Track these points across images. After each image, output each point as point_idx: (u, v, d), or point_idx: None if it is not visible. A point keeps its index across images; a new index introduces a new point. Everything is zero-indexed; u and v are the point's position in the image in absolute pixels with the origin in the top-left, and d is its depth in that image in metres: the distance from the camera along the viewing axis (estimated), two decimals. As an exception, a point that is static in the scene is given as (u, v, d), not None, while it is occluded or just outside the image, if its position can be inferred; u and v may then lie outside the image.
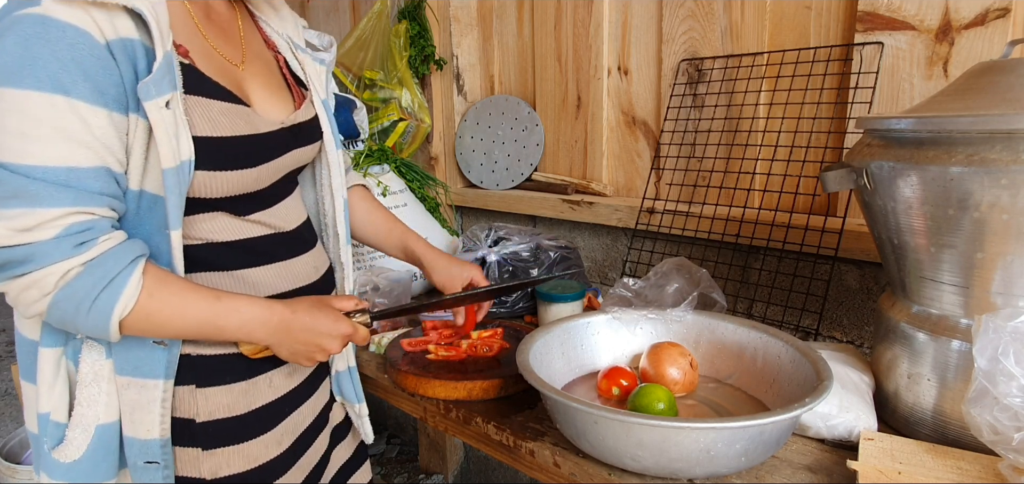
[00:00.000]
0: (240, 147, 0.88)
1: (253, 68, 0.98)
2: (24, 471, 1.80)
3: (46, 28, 0.71)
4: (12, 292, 0.75)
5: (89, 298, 0.76)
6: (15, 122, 0.71)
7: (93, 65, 0.74)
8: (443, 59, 2.13)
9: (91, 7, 0.74)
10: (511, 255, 1.59)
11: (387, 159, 1.96)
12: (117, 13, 0.76)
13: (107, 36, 0.75)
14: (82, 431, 0.84)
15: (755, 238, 1.43)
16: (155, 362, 0.85)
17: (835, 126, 1.38)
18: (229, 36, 0.97)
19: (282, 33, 1.07)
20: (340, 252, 1.10)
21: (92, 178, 0.76)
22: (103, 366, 0.85)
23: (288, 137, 0.97)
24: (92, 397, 0.84)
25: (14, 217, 0.71)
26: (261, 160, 0.92)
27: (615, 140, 1.83)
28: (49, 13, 0.72)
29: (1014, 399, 0.75)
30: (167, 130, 0.78)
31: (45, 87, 0.71)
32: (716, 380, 1.14)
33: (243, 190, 0.91)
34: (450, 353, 1.26)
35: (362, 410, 1.16)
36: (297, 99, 1.03)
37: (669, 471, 0.84)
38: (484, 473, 2.45)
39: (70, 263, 0.74)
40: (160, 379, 0.86)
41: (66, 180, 0.74)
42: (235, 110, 0.88)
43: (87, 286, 0.75)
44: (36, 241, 0.73)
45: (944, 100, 0.89)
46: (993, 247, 0.82)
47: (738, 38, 1.51)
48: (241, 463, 0.93)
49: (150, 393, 0.85)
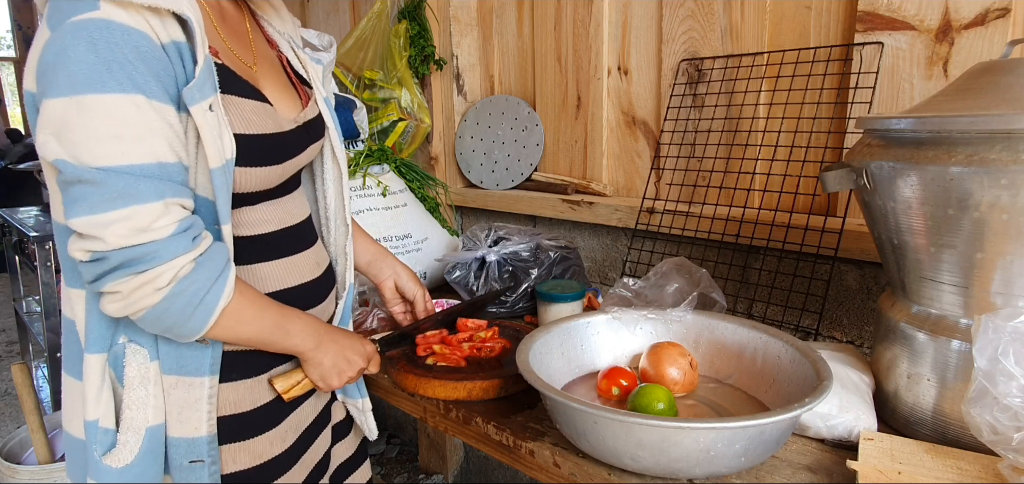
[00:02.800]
0: (270, 144, 0.91)
1: (263, 68, 0.99)
2: (24, 471, 1.80)
3: (112, 32, 0.73)
4: (124, 291, 0.76)
5: (200, 292, 0.78)
6: (106, 126, 0.73)
7: (158, 65, 0.76)
8: (443, 59, 2.13)
9: (145, 11, 0.76)
10: (511, 255, 1.58)
11: (387, 159, 1.96)
12: (167, 18, 0.78)
13: (162, 38, 0.77)
14: (134, 434, 0.85)
15: (755, 238, 1.43)
16: (201, 359, 0.87)
17: (835, 126, 1.38)
18: (240, 37, 0.98)
19: (283, 33, 1.08)
20: (345, 244, 1.12)
21: (177, 171, 0.78)
22: (150, 368, 0.85)
23: (303, 134, 1.00)
24: (141, 400, 0.85)
25: (128, 217, 0.73)
26: (286, 157, 0.95)
27: (615, 140, 1.83)
28: (111, 17, 0.73)
29: (1014, 399, 0.75)
30: (212, 131, 0.80)
31: (127, 88, 0.73)
32: (716, 380, 1.14)
33: (269, 185, 0.94)
34: (449, 354, 1.26)
35: (365, 405, 1.16)
36: (303, 97, 1.04)
37: (669, 471, 0.84)
38: (484, 473, 2.45)
39: (185, 258, 0.77)
40: (206, 376, 0.87)
41: (160, 174, 0.76)
42: (263, 108, 0.91)
43: (200, 280, 0.78)
44: (155, 239, 0.75)
45: (944, 100, 0.89)
46: (993, 247, 0.82)
47: (738, 38, 1.51)
48: (247, 459, 0.94)
49: (197, 391, 0.87)
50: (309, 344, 0.94)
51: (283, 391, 0.96)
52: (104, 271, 0.75)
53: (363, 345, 1.03)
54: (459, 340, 1.31)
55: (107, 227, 0.73)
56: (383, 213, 1.79)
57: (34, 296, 3.27)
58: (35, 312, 3.22)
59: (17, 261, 3.28)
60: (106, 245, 0.73)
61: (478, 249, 1.61)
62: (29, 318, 3.16)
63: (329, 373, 0.98)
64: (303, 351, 0.94)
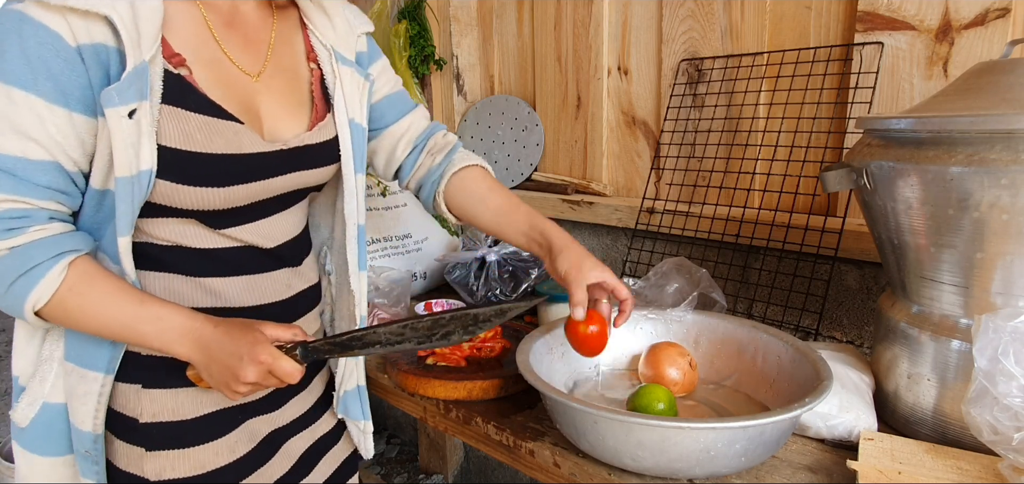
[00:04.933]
0: (211, 165, 0.85)
1: (272, 81, 0.94)
2: (24, 471, 1.80)
3: (21, 25, 0.75)
4: None
5: (5, 282, 0.79)
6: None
7: (58, 66, 0.76)
8: (443, 59, 2.13)
9: (68, 12, 0.76)
10: (511, 255, 1.59)
11: (387, 159, 1.96)
12: (94, 20, 0.77)
13: (79, 40, 0.76)
14: (29, 404, 0.89)
15: (755, 238, 1.43)
16: (98, 355, 0.87)
17: (835, 126, 1.38)
18: (252, 44, 0.94)
19: (328, 44, 1.00)
20: (350, 279, 1.04)
21: (40, 172, 0.78)
22: (56, 347, 0.88)
23: (285, 159, 0.93)
24: (44, 374, 0.89)
25: None
26: (235, 181, 0.88)
27: (615, 140, 1.83)
28: (27, 11, 0.75)
29: (1014, 399, 0.75)
30: (125, 139, 0.78)
31: (7, 80, 0.75)
32: (716, 380, 1.14)
33: (210, 206, 0.87)
34: (449, 353, 1.26)
35: (367, 427, 1.13)
36: (315, 119, 0.98)
37: (669, 471, 0.84)
38: (484, 473, 2.45)
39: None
40: (100, 372, 0.87)
41: (12, 169, 0.77)
42: (217, 126, 0.85)
43: (5, 269, 0.79)
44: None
45: (944, 100, 0.89)
46: (993, 247, 0.82)
47: (738, 38, 1.51)
48: (186, 467, 0.91)
49: (89, 385, 0.87)
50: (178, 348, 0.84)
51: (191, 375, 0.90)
52: None
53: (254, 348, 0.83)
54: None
55: None
56: (383, 213, 1.79)
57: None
58: (35, 312, 3.21)
59: None
60: None
61: (478, 249, 1.61)
62: (29, 318, 3.16)
63: (219, 385, 0.85)
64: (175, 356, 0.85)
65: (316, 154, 0.97)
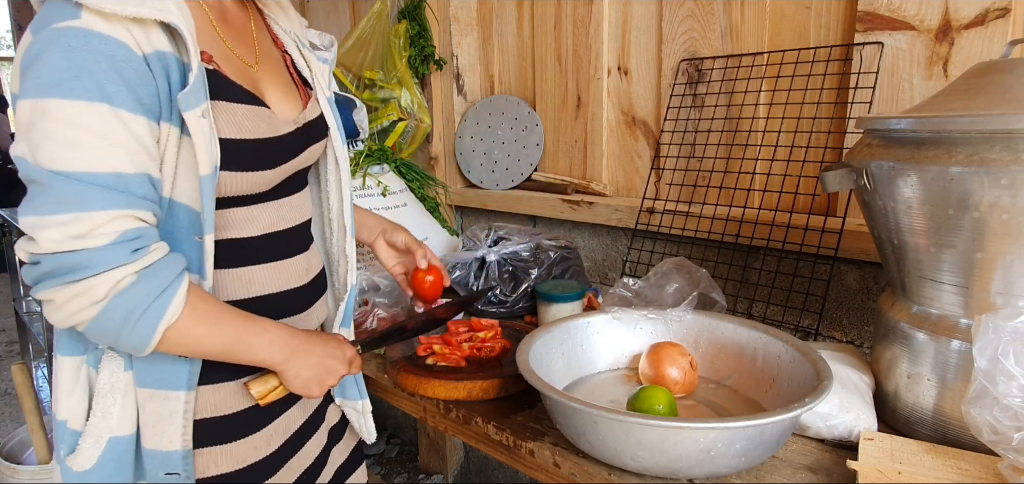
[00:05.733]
0: (261, 149, 0.90)
1: (266, 68, 0.99)
2: (24, 471, 1.80)
3: (88, 41, 0.73)
4: (58, 300, 0.74)
5: (140, 307, 0.76)
6: (64, 131, 0.72)
7: (132, 76, 0.75)
8: (443, 59, 2.13)
9: (128, 22, 0.75)
10: (511, 255, 1.58)
11: (387, 159, 1.96)
12: (152, 27, 0.78)
13: (144, 49, 0.77)
14: (94, 442, 0.85)
15: (755, 238, 1.43)
16: (177, 374, 0.86)
17: (835, 126, 1.38)
18: (243, 37, 0.98)
19: (290, 32, 1.07)
20: (345, 246, 1.10)
21: (137, 183, 0.77)
22: (120, 378, 0.85)
23: (301, 136, 0.98)
24: (107, 408, 0.85)
25: (68, 222, 0.72)
26: (280, 161, 0.94)
27: (615, 140, 1.83)
28: (90, 27, 0.73)
29: (1014, 399, 0.75)
30: (205, 138, 0.80)
31: (92, 96, 0.73)
32: (716, 380, 1.14)
33: (259, 189, 0.93)
34: (449, 354, 1.26)
35: (365, 408, 1.15)
36: (304, 98, 1.04)
37: (669, 471, 0.84)
38: (484, 473, 2.45)
39: (124, 270, 0.74)
40: (182, 390, 0.86)
41: (115, 184, 0.74)
42: (257, 112, 0.90)
43: (140, 295, 0.75)
44: (90, 247, 0.72)
45: (944, 100, 0.89)
46: (993, 247, 0.82)
47: (738, 38, 1.51)
48: (229, 463, 0.93)
49: (172, 405, 0.86)
50: (278, 357, 0.90)
51: (258, 396, 0.93)
52: (39, 276, 0.74)
53: (342, 349, 0.98)
54: (459, 340, 1.31)
55: (44, 230, 0.72)
56: (383, 213, 1.79)
57: (34, 296, 3.27)
58: (35, 312, 3.22)
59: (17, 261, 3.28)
60: (40, 247, 0.72)
61: (478, 249, 1.61)
62: (29, 318, 3.16)
63: (308, 383, 0.94)
64: (272, 364, 0.91)
65: (315, 130, 1.02)
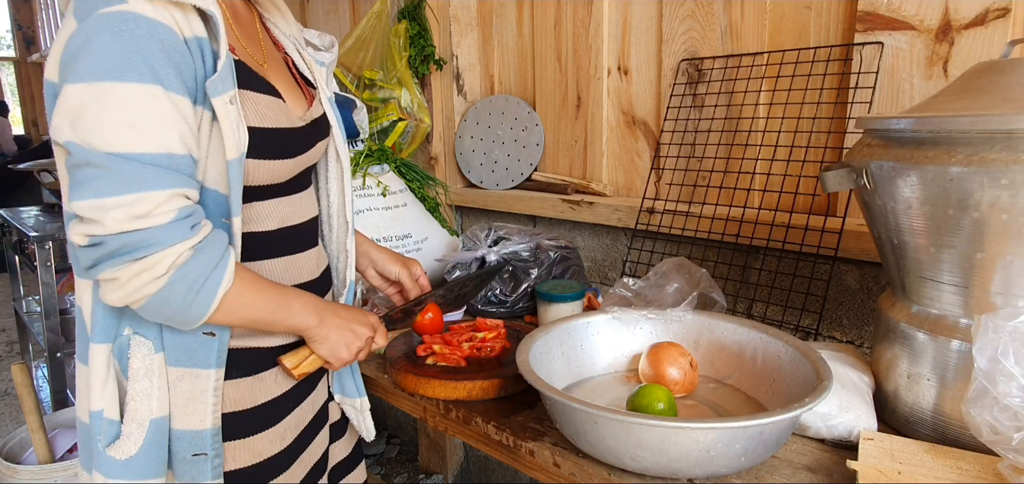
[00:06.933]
0: (282, 138, 0.93)
1: (272, 67, 1.01)
2: (24, 471, 1.80)
3: (138, 25, 0.76)
4: (123, 277, 0.77)
5: (200, 279, 0.79)
6: (121, 114, 0.75)
7: (179, 59, 0.79)
8: (443, 59, 2.13)
9: (171, 6, 0.78)
10: (511, 255, 1.58)
11: (387, 159, 1.96)
12: (190, 13, 0.81)
13: (185, 34, 0.80)
14: (137, 426, 0.86)
15: (755, 238, 1.43)
16: (208, 351, 0.88)
17: (835, 126, 1.38)
18: (251, 36, 1.00)
19: (289, 35, 1.09)
20: (346, 241, 1.13)
21: (186, 163, 0.80)
22: (154, 360, 0.86)
23: (311, 132, 1.01)
24: (145, 391, 0.86)
25: (132, 203, 0.74)
26: (297, 152, 0.97)
27: (615, 140, 1.83)
28: (138, 10, 0.76)
29: (1014, 399, 0.75)
30: (232, 123, 0.82)
31: (146, 79, 0.76)
32: (716, 380, 1.14)
33: (278, 179, 0.95)
34: (449, 354, 1.26)
35: (363, 405, 1.16)
36: (308, 97, 1.06)
37: (669, 471, 0.84)
38: (484, 473, 2.45)
39: (183, 246, 0.78)
40: (212, 368, 0.88)
41: (169, 164, 0.78)
42: (277, 104, 0.94)
43: (199, 268, 0.79)
44: (153, 225, 0.76)
45: (944, 100, 0.89)
46: (993, 247, 0.82)
47: (738, 38, 1.51)
48: (246, 457, 0.94)
49: (203, 383, 0.88)
50: (312, 321, 0.94)
51: (292, 367, 0.96)
52: (101, 257, 0.76)
53: (367, 316, 1.03)
54: (459, 340, 1.31)
55: (108, 211, 0.74)
56: (383, 213, 1.79)
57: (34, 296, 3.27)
58: (35, 312, 3.22)
59: (17, 261, 3.28)
60: (105, 229, 0.74)
61: (478, 249, 1.61)
62: (29, 318, 3.16)
63: (337, 346, 0.98)
64: (306, 328, 0.94)
65: (321, 127, 1.06)
